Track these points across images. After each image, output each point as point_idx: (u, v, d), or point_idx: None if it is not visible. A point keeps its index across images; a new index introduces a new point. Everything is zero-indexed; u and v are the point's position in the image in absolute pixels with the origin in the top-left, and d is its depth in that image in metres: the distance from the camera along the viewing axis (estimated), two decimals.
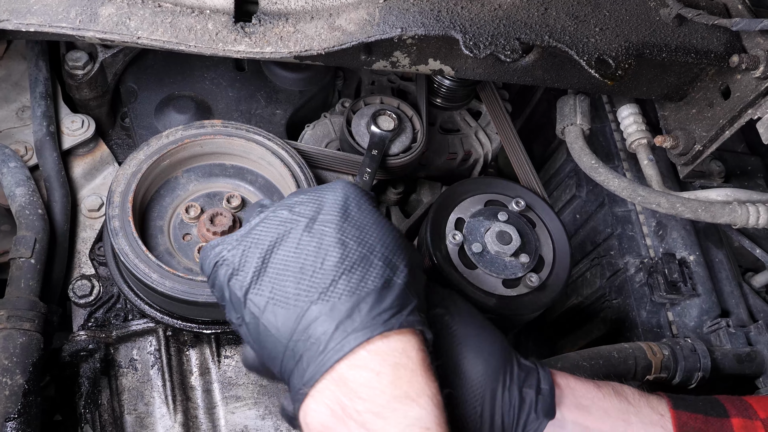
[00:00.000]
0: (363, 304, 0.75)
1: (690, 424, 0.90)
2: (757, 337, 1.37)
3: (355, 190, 0.85)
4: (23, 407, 1.04)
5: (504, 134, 1.50)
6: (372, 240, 0.80)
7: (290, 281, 0.77)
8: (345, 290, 0.75)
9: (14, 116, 1.39)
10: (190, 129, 1.20)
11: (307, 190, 0.88)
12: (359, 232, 0.80)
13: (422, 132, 1.37)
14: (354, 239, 0.79)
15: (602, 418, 0.90)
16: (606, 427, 0.90)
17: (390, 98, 1.40)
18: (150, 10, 1.13)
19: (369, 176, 1.22)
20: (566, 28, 1.18)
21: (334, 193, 0.84)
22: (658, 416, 0.91)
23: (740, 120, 1.25)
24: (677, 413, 0.91)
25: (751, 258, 1.52)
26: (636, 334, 1.51)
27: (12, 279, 1.16)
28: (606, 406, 0.91)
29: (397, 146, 1.33)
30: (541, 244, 1.23)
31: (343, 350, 0.73)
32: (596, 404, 0.91)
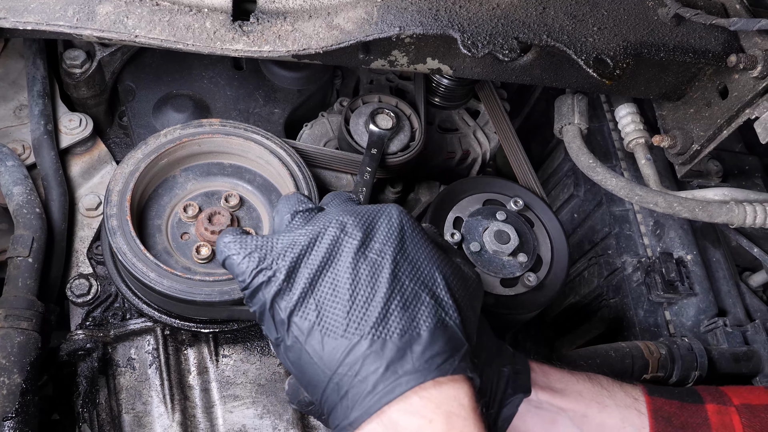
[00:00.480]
0: (416, 346, 0.72)
1: (665, 409, 0.91)
2: (753, 337, 1.38)
3: (409, 219, 0.82)
4: (21, 406, 1.04)
5: (502, 133, 1.50)
6: (426, 276, 0.77)
7: (340, 310, 0.73)
8: (397, 328, 0.72)
9: (12, 115, 1.39)
10: (188, 128, 1.20)
11: (358, 209, 0.82)
12: (413, 267, 0.77)
13: (420, 130, 1.37)
14: (408, 275, 0.76)
15: (577, 400, 0.91)
16: (581, 408, 0.91)
17: (388, 97, 1.40)
18: (148, 8, 1.13)
19: (369, 175, 1.22)
20: (564, 27, 1.18)
21: (389, 219, 0.80)
22: (632, 400, 0.92)
23: (738, 120, 1.25)
24: (652, 398, 0.93)
25: (749, 257, 1.53)
26: (633, 333, 1.52)
27: (9, 278, 1.16)
28: (579, 389, 0.93)
29: (396, 144, 1.33)
30: (539, 244, 1.24)
31: (394, 393, 0.70)
32: (570, 387, 0.93)
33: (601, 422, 0.90)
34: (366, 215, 0.80)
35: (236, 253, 0.80)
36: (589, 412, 0.91)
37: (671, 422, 0.90)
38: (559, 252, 1.24)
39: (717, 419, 0.90)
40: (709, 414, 0.91)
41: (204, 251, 1.15)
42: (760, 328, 1.38)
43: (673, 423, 0.90)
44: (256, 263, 0.77)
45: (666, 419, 0.90)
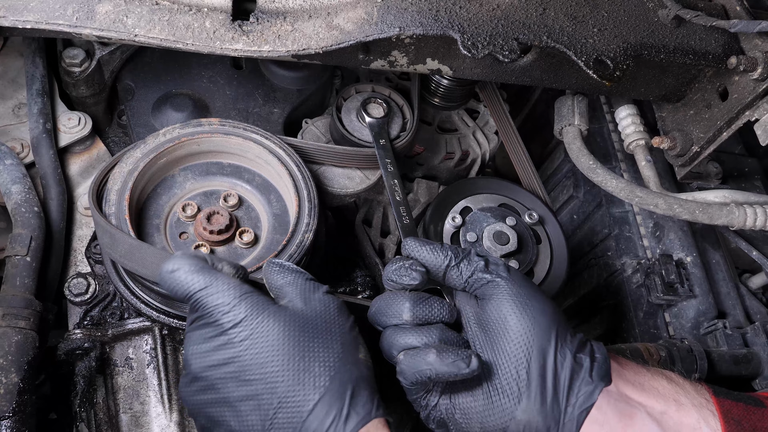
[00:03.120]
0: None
1: (733, 411, 0.90)
2: (753, 339, 1.38)
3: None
4: (18, 406, 1.03)
5: (505, 134, 1.49)
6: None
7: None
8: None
9: (11, 113, 1.39)
10: (187, 127, 1.20)
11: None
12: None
13: (412, 121, 1.36)
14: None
15: (656, 397, 0.90)
16: (659, 407, 0.89)
17: (382, 87, 1.40)
18: (147, 7, 1.12)
19: (393, 166, 1.21)
20: (564, 28, 1.18)
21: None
22: (705, 400, 0.91)
23: (738, 122, 1.25)
24: (719, 400, 0.91)
25: (748, 259, 1.52)
26: (633, 335, 1.51)
27: (7, 277, 1.15)
28: (656, 385, 0.92)
29: (394, 129, 1.33)
30: (537, 260, 1.22)
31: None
32: (647, 382, 0.92)
33: (680, 420, 0.89)
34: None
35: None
36: (667, 410, 0.89)
37: (741, 425, 0.89)
38: (555, 274, 1.22)
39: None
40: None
41: (203, 251, 1.15)
42: (760, 331, 1.38)
43: (743, 426, 0.89)
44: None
45: (736, 422, 0.89)
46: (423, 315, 0.90)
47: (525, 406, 0.85)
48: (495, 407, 0.86)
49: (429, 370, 0.83)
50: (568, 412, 0.85)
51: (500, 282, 0.91)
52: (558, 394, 0.86)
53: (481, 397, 0.87)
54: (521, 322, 0.88)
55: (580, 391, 0.86)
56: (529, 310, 0.88)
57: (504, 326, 0.88)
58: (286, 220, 1.21)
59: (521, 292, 0.90)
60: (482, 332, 0.90)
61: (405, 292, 0.91)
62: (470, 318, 0.92)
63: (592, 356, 0.89)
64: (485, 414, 0.86)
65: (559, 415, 0.85)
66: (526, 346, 0.86)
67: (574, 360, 0.87)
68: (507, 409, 0.85)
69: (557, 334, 0.88)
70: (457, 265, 0.91)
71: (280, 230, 1.20)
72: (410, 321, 0.89)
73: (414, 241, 0.94)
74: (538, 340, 0.87)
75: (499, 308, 0.89)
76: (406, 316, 0.89)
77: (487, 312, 0.90)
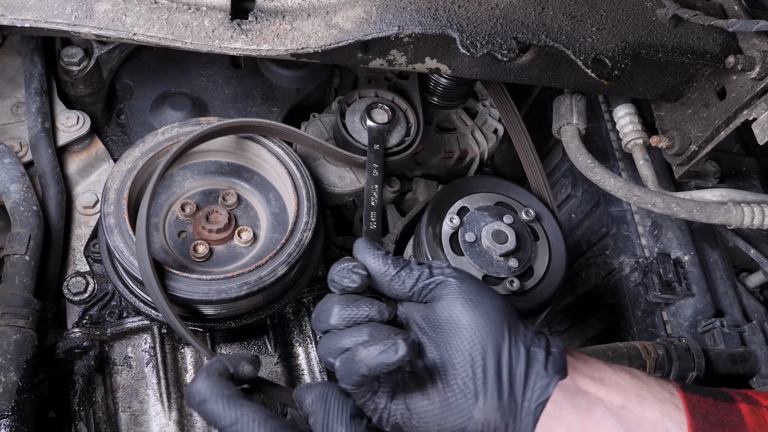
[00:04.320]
0: None
1: (701, 405, 0.89)
2: (751, 337, 1.38)
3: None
4: (17, 404, 1.03)
5: (511, 124, 1.48)
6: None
7: None
8: None
9: (9, 112, 1.39)
10: (185, 126, 1.20)
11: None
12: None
13: (416, 125, 1.37)
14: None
15: (617, 392, 0.89)
16: (619, 401, 0.88)
17: (385, 91, 1.40)
18: (146, 6, 1.12)
19: (378, 172, 1.22)
20: (563, 27, 1.18)
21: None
22: (669, 394, 0.90)
23: (735, 121, 1.25)
24: (686, 394, 0.90)
25: (746, 258, 1.53)
26: (631, 333, 1.52)
27: (6, 276, 1.15)
28: (618, 380, 0.90)
29: (394, 138, 1.33)
30: (536, 257, 1.22)
31: None
32: (609, 378, 0.90)
33: (641, 415, 0.87)
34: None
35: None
36: (627, 403, 0.88)
37: (708, 419, 0.87)
38: (554, 270, 1.22)
39: (752, 419, 0.88)
40: (743, 413, 0.89)
41: (201, 250, 1.15)
42: (757, 329, 1.38)
43: (710, 420, 0.87)
44: None
45: (703, 416, 0.88)
46: (351, 316, 0.87)
47: (482, 404, 0.83)
48: (452, 408, 0.84)
49: (361, 367, 0.81)
50: (524, 407, 0.84)
51: (448, 282, 0.89)
52: (514, 389, 0.84)
53: (437, 398, 0.85)
54: (473, 320, 0.86)
55: (536, 385, 0.85)
56: (480, 306, 0.87)
57: (456, 325, 0.87)
58: (285, 219, 1.21)
59: (470, 289, 0.89)
60: (435, 333, 0.88)
61: (335, 295, 0.89)
62: (420, 322, 0.90)
63: (548, 350, 0.87)
64: (443, 416, 0.84)
65: (516, 411, 0.84)
66: (480, 344, 0.85)
67: (528, 354, 0.86)
68: (464, 409, 0.84)
69: (510, 329, 0.87)
70: (397, 274, 0.89)
71: (279, 229, 1.21)
72: (339, 324, 0.87)
73: (363, 243, 0.92)
74: (491, 336, 0.85)
75: (450, 308, 0.88)
76: (333, 320, 0.87)
77: (437, 313, 0.89)
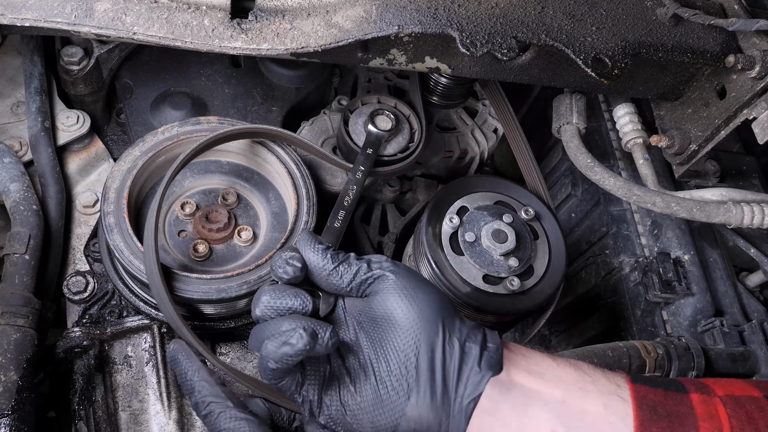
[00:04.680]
0: None
1: (649, 397, 0.88)
2: (750, 337, 1.38)
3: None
4: (17, 404, 1.03)
5: (507, 126, 1.48)
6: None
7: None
8: None
9: (9, 111, 1.39)
10: (185, 125, 1.20)
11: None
12: None
13: (420, 132, 1.36)
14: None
15: (556, 384, 0.88)
16: (559, 393, 0.87)
17: (387, 98, 1.40)
18: (146, 5, 1.12)
19: (362, 174, 1.22)
20: (563, 26, 1.18)
21: None
22: (615, 386, 0.89)
23: (735, 120, 1.25)
24: (635, 386, 0.89)
25: (746, 258, 1.53)
26: (630, 333, 1.52)
27: (6, 275, 1.15)
28: (560, 374, 0.90)
29: (393, 147, 1.33)
30: (536, 256, 1.22)
31: None
32: (550, 372, 0.90)
33: (582, 408, 0.86)
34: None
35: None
36: (568, 397, 0.87)
37: (656, 411, 0.87)
38: (554, 269, 1.22)
39: (702, 409, 0.87)
40: (694, 404, 0.88)
41: (201, 249, 1.15)
42: (757, 329, 1.38)
43: (658, 412, 0.86)
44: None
45: (651, 407, 0.87)
46: (274, 306, 0.87)
47: (414, 401, 0.83)
48: (384, 405, 0.84)
49: (269, 361, 0.82)
50: (456, 404, 0.84)
51: (386, 277, 0.89)
52: (447, 386, 0.84)
53: (370, 395, 0.85)
54: (407, 316, 0.86)
55: (468, 381, 0.84)
56: (415, 302, 0.87)
57: (390, 321, 0.86)
58: (285, 219, 1.22)
59: (406, 284, 0.88)
60: (371, 328, 0.88)
61: (264, 286, 0.90)
62: (358, 317, 0.90)
63: (483, 345, 0.87)
64: (375, 413, 0.84)
65: (449, 408, 0.84)
66: (413, 340, 0.85)
67: (463, 350, 0.85)
68: (397, 406, 0.83)
69: (445, 324, 0.86)
70: (335, 269, 0.89)
71: (278, 228, 1.21)
72: (263, 315, 0.87)
73: (305, 236, 0.93)
74: (425, 332, 0.85)
75: (385, 303, 0.88)
76: (258, 310, 0.87)
77: (373, 308, 0.89)
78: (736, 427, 0.85)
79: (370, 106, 1.36)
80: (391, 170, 1.32)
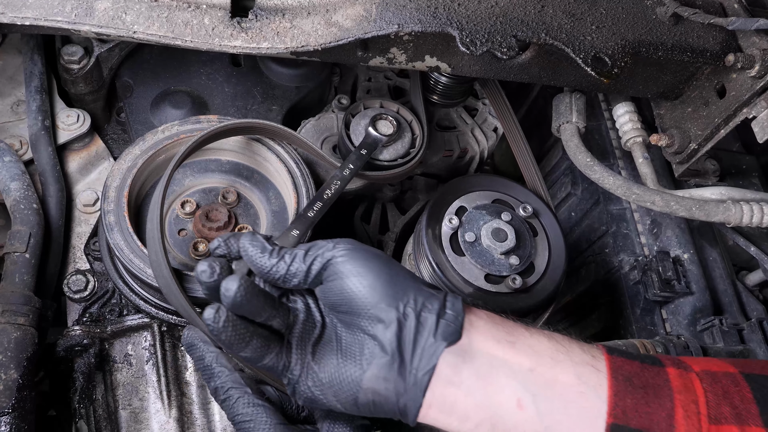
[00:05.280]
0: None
1: (625, 368, 0.87)
2: (750, 336, 1.38)
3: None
4: (17, 402, 1.04)
5: (507, 126, 1.48)
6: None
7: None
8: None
9: (9, 110, 1.39)
10: (185, 124, 1.20)
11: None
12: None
13: (421, 137, 1.35)
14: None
15: (527, 353, 0.87)
16: (529, 362, 0.86)
17: (390, 102, 1.39)
18: (146, 4, 1.12)
19: (349, 172, 1.19)
20: (563, 25, 1.18)
21: None
22: (590, 357, 0.88)
23: (735, 119, 1.25)
24: (611, 357, 0.88)
25: (745, 256, 1.53)
26: (630, 331, 1.52)
27: (6, 273, 1.15)
28: (532, 343, 0.88)
29: (395, 152, 1.32)
30: (536, 253, 1.22)
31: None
32: (521, 341, 0.88)
33: (552, 377, 0.85)
34: None
35: None
36: (538, 366, 0.85)
37: (632, 382, 0.85)
38: (555, 265, 1.22)
39: (679, 382, 0.86)
40: (670, 377, 0.87)
41: (201, 247, 1.15)
42: (756, 327, 1.38)
43: (633, 383, 0.85)
44: None
45: (626, 379, 0.85)
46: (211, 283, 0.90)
47: (370, 374, 0.84)
48: (343, 379, 0.85)
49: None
50: (412, 376, 0.84)
51: (334, 261, 0.89)
52: (404, 359, 0.84)
53: (333, 371, 0.86)
54: (360, 294, 0.86)
55: (424, 352, 0.84)
56: (366, 279, 0.86)
57: (345, 299, 0.87)
58: (285, 217, 1.22)
59: (356, 264, 0.88)
60: (332, 311, 0.90)
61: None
62: (319, 304, 0.92)
63: (441, 314, 0.86)
64: (337, 387, 0.85)
65: (406, 380, 0.84)
66: (366, 317, 0.85)
67: (418, 321, 0.85)
68: (354, 380, 0.84)
69: (398, 297, 0.86)
70: (282, 261, 0.89)
71: (278, 227, 1.21)
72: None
73: (247, 236, 0.93)
74: (377, 308, 0.85)
75: (341, 285, 0.87)
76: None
77: (329, 294, 0.89)
78: (711, 400, 0.84)
79: (372, 110, 1.35)
80: (392, 175, 1.31)
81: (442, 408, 0.85)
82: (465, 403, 0.85)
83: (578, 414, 0.84)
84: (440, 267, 1.18)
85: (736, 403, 0.84)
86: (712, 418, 0.83)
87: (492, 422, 0.85)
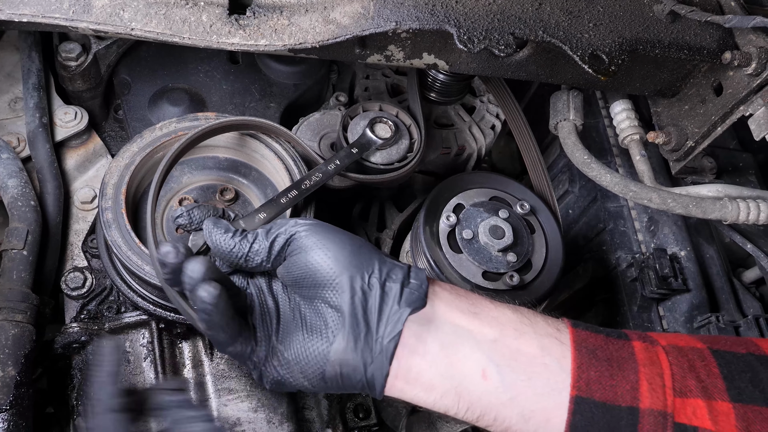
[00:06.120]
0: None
1: (589, 341, 0.87)
2: (746, 333, 1.38)
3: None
4: (15, 399, 1.04)
5: (512, 118, 1.48)
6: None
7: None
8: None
9: (7, 107, 1.39)
10: (183, 121, 1.20)
11: None
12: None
13: (419, 141, 1.34)
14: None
15: (490, 324, 0.87)
16: (492, 333, 0.87)
17: (389, 105, 1.38)
18: (144, 1, 1.12)
19: (334, 168, 1.18)
20: (560, 23, 1.18)
21: None
22: (554, 330, 0.88)
23: (732, 116, 1.25)
24: (576, 330, 0.88)
25: (742, 254, 1.53)
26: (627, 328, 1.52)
27: (4, 270, 1.15)
28: (496, 315, 0.89)
29: (386, 156, 1.30)
30: (533, 250, 1.22)
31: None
32: (485, 312, 0.89)
33: (516, 348, 0.86)
34: None
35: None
36: (501, 338, 0.86)
37: (596, 354, 0.85)
38: (552, 262, 1.23)
39: (644, 355, 0.86)
40: (635, 350, 0.87)
41: None
42: (753, 324, 1.39)
43: (597, 355, 0.85)
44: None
45: (590, 351, 0.86)
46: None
47: (337, 346, 0.84)
48: (309, 354, 0.85)
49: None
50: (378, 344, 0.84)
51: (297, 236, 0.89)
52: (370, 328, 0.84)
53: (299, 348, 0.86)
54: (323, 266, 0.86)
55: (389, 320, 0.85)
56: (329, 252, 0.87)
57: (309, 276, 0.87)
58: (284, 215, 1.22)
59: (318, 238, 0.89)
60: (295, 289, 0.90)
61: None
62: (284, 282, 0.92)
63: (404, 283, 0.87)
64: (304, 363, 0.86)
65: (371, 349, 0.84)
66: (331, 290, 0.86)
67: (383, 290, 0.86)
68: (320, 353, 0.85)
69: (362, 268, 0.86)
70: (245, 239, 0.90)
71: None
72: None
73: (211, 221, 0.93)
74: (340, 280, 0.86)
75: (304, 258, 0.88)
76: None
77: (292, 270, 0.89)
78: (677, 373, 0.84)
79: (371, 113, 1.34)
80: (390, 178, 1.30)
81: (408, 378, 0.85)
82: (430, 373, 0.85)
83: (542, 385, 0.84)
84: (438, 264, 1.18)
85: (702, 377, 0.84)
86: (677, 391, 0.83)
87: (457, 392, 0.85)
